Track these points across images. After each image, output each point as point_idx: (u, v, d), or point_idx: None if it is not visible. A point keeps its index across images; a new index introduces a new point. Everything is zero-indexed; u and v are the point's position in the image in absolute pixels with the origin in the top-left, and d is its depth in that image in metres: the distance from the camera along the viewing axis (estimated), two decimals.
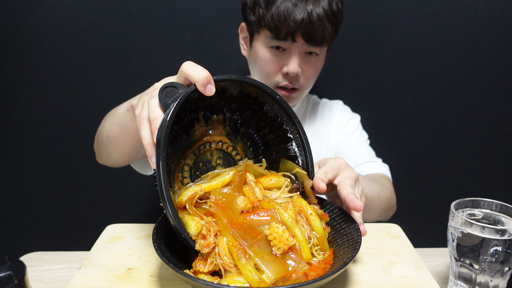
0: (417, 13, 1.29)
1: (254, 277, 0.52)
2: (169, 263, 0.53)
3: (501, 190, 1.47)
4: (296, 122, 0.70)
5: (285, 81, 1.01)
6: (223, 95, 0.66)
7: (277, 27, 0.94)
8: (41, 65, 1.28)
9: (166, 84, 0.59)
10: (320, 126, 1.19)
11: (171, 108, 0.57)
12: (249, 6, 1.00)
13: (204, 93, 0.59)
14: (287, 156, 0.72)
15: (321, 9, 0.94)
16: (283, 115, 0.70)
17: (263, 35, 0.99)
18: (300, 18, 0.92)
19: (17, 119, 1.33)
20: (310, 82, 1.06)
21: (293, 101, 1.07)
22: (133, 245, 0.72)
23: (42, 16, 1.24)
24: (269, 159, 0.73)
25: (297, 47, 0.98)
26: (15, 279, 0.43)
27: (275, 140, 0.73)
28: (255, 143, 0.74)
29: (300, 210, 0.62)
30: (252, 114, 0.71)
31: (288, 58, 0.99)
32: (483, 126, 1.40)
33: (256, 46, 1.02)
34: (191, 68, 0.59)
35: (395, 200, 1.06)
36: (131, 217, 1.44)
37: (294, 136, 0.71)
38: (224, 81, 0.63)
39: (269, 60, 1.00)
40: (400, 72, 1.35)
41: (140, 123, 0.60)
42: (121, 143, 0.85)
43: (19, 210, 1.41)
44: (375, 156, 1.15)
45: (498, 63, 1.34)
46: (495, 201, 0.69)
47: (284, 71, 0.99)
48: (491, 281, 0.64)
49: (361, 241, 0.59)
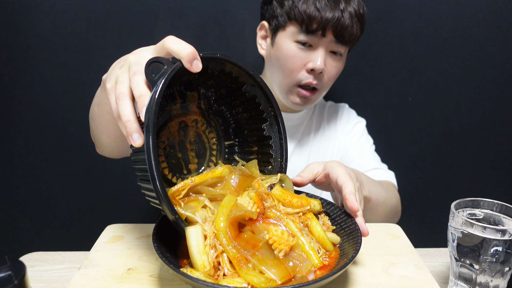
0: (417, 13, 1.29)
1: (260, 279, 0.52)
2: (169, 263, 0.53)
3: (501, 190, 1.47)
4: (274, 104, 0.69)
5: (309, 78, 1.00)
6: (205, 72, 0.64)
7: (310, 18, 0.94)
8: (41, 65, 1.28)
9: (152, 60, 0.56)
10: (326, 130, 1.19)
11: (158, 85, 0.54)
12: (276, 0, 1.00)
13: (191, 69, 0.57)
14: (261, 136, 0.72)
15: (353, 8, 0.95)
16: (261, 96, 0.70)
17: (290, 30, 0.98)
18: (333, 14, 0.93)
19: (17, 119, 1.33)
20: (331, 83, 1.05)
21: (310, 103, 1.05)
22: (133, 245, 0.72)
23: (42, 16, 1.24)
24: (240, 138, 0.73)
25: (324, 43, 0.97)
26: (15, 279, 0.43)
27: (249, 120, 0.73)
28: (227, 121, 0.74)
29: (306, 224, 0.63)
30: (228, 93, 0.70)
31: (314, 53, 0.98)
32: (483, 126, 1.40)
33: (281, 42, 1.01)
34: (174, 44, 0.57)
35: (400, 208, 1.06)
36: (131, 217, 1.44)
37: (270, 117, 0.71)
38: (209, 60, 0.60)
39: (294, 55, 0.99)
40: (400, 72, 1.35)
41: (118, 99, 0.56)
42: (104, 124, 0.79)
43: (19, 210, 1.41)
44: (381, 162, 1.14)
45: (498, 63, 1.34)
46: (496, 201, 0.69)
47: (309, 67, 0.98)
48: (492, 281, 0.64)
49: (361, 241, 0.59)
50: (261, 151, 0.74)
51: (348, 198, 0.66)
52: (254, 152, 0.74)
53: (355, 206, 0.65)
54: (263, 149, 0.74)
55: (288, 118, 1.14)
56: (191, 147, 0.70)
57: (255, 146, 0.74)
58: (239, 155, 0.75)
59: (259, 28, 1.09)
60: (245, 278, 0.53)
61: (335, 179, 0.72)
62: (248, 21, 1.26)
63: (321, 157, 1.17)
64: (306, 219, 0.64)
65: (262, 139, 0.73)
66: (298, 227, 0.61)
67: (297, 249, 0.57)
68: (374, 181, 0.93)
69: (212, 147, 0.74)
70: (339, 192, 0.74)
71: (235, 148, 0.76)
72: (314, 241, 0.61)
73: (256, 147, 0.74)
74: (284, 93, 1.05)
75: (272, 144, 0.72)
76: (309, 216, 0.65)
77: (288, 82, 1.02)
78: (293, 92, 1.03)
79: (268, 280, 0.52)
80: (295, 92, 1.03)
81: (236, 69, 0.66)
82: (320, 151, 1.17)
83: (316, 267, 0.57)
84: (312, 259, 0.58)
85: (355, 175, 0.77)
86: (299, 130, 1.17)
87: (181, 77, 0.63)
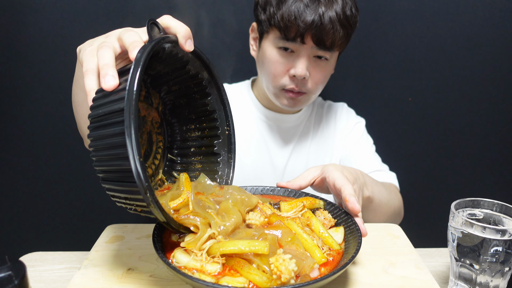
0: (417, 13, 1.29)
1: (262, 278, 0.53)
2: (169, 263, 0.53)
3: (501, 190, 1.47)
4: (231, 124, 0.70)
5: (292, 84, 0.99)
6: (181, 69, 0.65)
7: (287, 26, 0.92)
8: (41, 65, 1.28)
9: (152, 20, 0.56)
10: (325, 130, 1.18)
11: (156, 40, 0.53)
12: (260, 5, 0.99)
13: (184, 46, 0.58)
14: (209, 153, 0.71)
15: (334, 12, 0.91)
16: (221, 113, 0.70)
17: (272, 35, 0.98)
18: (311, 20, 0.90)
19: (17, 119, 1.33)
20: (319, 87, 1.03)
21: (299, 104, 1.04)
22: (133, 245, 0.72)
23: (42, 16, 1.24)
24: (183, 157, 0.73)
25: (306, 49, 0.95)
26: (15, 279, 0.43)
27: (199, 137, 0.72)
28: (174, 135, 0.73)
29: (308, 224, 0.65)
30: (187, 104, 0.70)
31: (296, 60, 0.96)
32: (483, 126, 1.40)
33: (265, 46, 1.00)
34: (172, 20, 0.58)
35: (402, 210, 1.06)
36: (131, 217, 1.44)
37: (223, 135, 0.71)
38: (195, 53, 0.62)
39: (277, 61, 0.98)
40: (399, 72, 1.35)
41: (101, 47, 0.54)
42: (80, 104, 0.72)
43: (19, 210, 1.41)
44: (382, 163, 1.13)
45: (498, 63, 1.34)
46: (496, 201, 0.69)
47: (291, 73, 0.97)
48: (492, 281, 0.64)
49: (361, 241, 0.59)
50: (206, 167, 0.72)
51: (348, 199, 0.66)
52: (197, 170, 0.73)
53: (356, 207, 0.65)
54: (208, 166, 0.72)
55: (286, 119, 1.14)
56: (142, 142, 0.67)
57: (199, 164, 0.73)
58: (178, 172, 0.73)
59: (251, 29, 1.09)
60: (247, 277, 0.53)
61: (332, 183, 0.73)
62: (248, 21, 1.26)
63: (320, 158, 1.16)
64: (307, 219, 0.65)
65: (208, 155, 0.72)
66: (300, 226, 0.62)
67: (300, 247, 0.58)
68: (377, 182, 0.92)
69: (158, 150, 0.71)
70: (337, 196, 0.75)
71: (176, 165, 0.74)
72: (317, 238, 0.62)
73: (200, 165, 0.73)
74: (272, 95, 1.05)
75: (220, 162, 0.71)
76: (308, 215, 0.66)
77: (274, 86, 1.01)
78: (280, 95, 1.03)
79: (270, 279, 0.52)
80: (282, 95, 1.02)
81: (208, 78, 0.66)
82: (319, 152, 1.16)
83: (320, 263, 0.58)
84: (316, 255, 0.58)
85: (353, 177, 0.77)
86: (297, 131, 1.16)
87: (155, 65, 0.63)
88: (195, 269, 0.55)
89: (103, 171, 0.55)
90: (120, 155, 0.49)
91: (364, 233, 0.63)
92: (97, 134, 0.53)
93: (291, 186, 0.77)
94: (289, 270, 0.51)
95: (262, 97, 1.13)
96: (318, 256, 0.58)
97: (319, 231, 0.63)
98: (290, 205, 0.69)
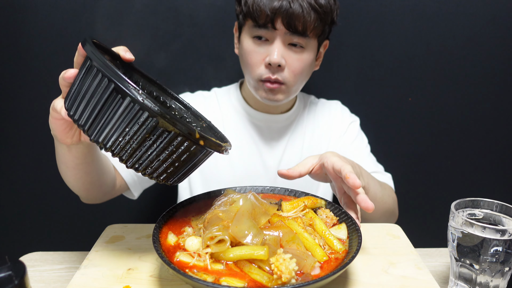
0: (417, 13, 1.29)
1: (263, 278, 0.53)
2: (169, 263, 0.53)
3: (501, 190, 1.47)
4: None
5: (268, 73, 0.98)
6: None
7: (257, 12, 0.93)
8: (41, 65, 1.28)
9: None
10: (319, 128, 1.17)
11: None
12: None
13: (125, 57, 0.66)
14: None
15: None
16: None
17: (247, 26, 0.99)
18: (279, 4, 0.91)
19: (17, 119, 1.33)
20: (298, 78, 1.01)
21: (277, 95, 1.01)
22: (133, 245, 0.72)
23: (42, 16, 1.24)
24: None
25: (280, 36, 0.95)
26: (15, 279, 0.43)
27: None
28: None
29: (311, 224, 0.65)
30: None
31: (271, 47, 0.97)
32: (483, 126, 1.40)
33: (242, 39, 1.01)
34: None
35: (397, 210, 1.05)
36: (131, 217, 1.44)
37: None
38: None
39: (252, 51, 0.98)
40: (399, 72, 1.35)
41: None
42: (66, 174, 0.85)
43: (19, 210, 1.41)
44: (377, 163, 1.13)
45: (498, 63, 1.34)
46: (496, 201, 0.69)
47: (267, 61, 0.97)
48: (492, 281, 0.64)
49: (361, 242, 0.60)
50: None
51: (349, 176, 0.67)
52: None
53: (357, 182, 0.67)
54: None
55: (275, 119, 1.12)
56: None
57: None
58: None
59: (234, 29, 1.09)
60: (249, 276, 0.53)
61: (331, 166, 0.74)
62: None
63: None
64: (310, 219, 0.66)
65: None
66: (301, 226, 0.62)
67: (300, 246, 0.58)
68: (372, 177, 0.93)
69: None
70: (336, 179, 0.75)
71: None
72: (319, 237, 0.62)
73: None
74: (252, 89, 1.05)
75: None
76: (311, 216, 0.66)
77: (252, 78, 1.01)
78: (258, 87, 1.02)
79: (271, 279, 0.53)
80: (260, 86, 1.01)
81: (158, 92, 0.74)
82: (313, 151, 1.14)
83: (322, 261, 0.58)
84: (317, 254, 0.58)
85: (351, 161, 0.80)
86: (288, 131, 1.14)
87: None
88: (196, 269, 0.55)
89: (119, 144, 0.56)
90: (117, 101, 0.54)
91: (370, 208, 0.65)
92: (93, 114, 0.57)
93: (292, 173, 0.78)
94: (289, 270, 0.51)
95: (249, 97, 1.13)
96: (319, 254, 0.58)
97: (322, 231, 0.63)
98: (291, 204, 0.69)
